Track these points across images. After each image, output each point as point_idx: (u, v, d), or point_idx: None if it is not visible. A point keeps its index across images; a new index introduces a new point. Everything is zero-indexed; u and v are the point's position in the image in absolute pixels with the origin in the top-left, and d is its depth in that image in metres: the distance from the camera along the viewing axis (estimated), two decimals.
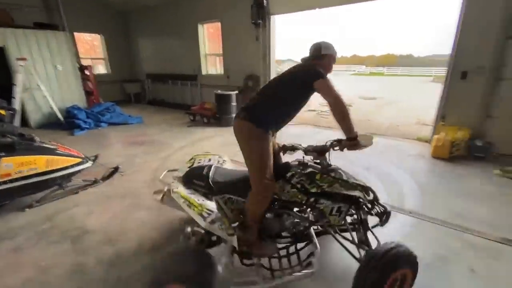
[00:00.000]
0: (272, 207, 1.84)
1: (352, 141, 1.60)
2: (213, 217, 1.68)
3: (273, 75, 6.92)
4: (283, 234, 1.94)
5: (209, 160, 2.23)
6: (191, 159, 2.27)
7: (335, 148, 1.75)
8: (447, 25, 4.40)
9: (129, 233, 2.51)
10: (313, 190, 1.68)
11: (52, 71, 6.75)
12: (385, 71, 37.90)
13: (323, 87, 1.61)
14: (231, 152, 4.68)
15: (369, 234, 1.78)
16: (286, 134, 5.26)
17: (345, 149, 1.67)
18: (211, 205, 1.81)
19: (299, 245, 1.95)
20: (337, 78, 28.92)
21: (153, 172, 3.88)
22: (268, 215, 1.87)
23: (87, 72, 7.78)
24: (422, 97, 11.18)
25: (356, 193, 1.68)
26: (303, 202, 1.71)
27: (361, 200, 1.73)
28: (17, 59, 5.76)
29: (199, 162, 2.18)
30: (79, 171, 3.27)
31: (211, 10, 7.29)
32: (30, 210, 2.91)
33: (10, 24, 6.16)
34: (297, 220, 1.92)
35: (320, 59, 1.83)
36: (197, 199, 1.80)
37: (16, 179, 2.74)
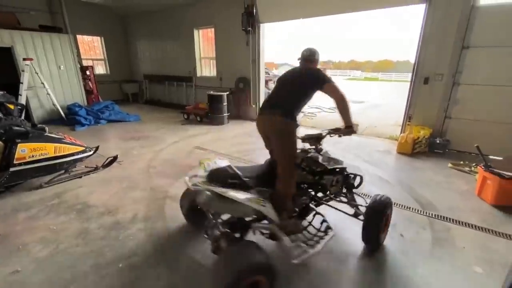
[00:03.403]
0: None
1: (349, 129, 2.17)
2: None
3: (262, 78, 7.47)
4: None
5: (215, 162, 2.05)
6: (201, 163, 2.05)
7: (332, 135, 2.30)
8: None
9: (126, 207, 2.99)
10: (318, 170, 2.19)
11: (56, 70, 7.21)
12: (379, 76, 38.84)
13: (331, 88, 2.09)
14: (220, 146, 5.21)
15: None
16: None
17: (341, 135, 2.26)
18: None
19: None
20: None
21: (148, 162, 4.36)
22: None
23: (88, 72, 8.26)
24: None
25: (344, 165, 2.29)
26: (310, 181, 2.22)
27: (346, 171, 2.34)
28: (23, 59, 6.21)
29: (209, 164, 2.03)
30: (82, 158, 3.76)
31: (206, 16, 7.84)
32: (40, 189, 3.38)
33: (17, 27, 6.64)
34: (304, 197, 2.25)
35: (313, 62, 2.35)
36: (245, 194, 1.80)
37: (30, 162, 3.21)
